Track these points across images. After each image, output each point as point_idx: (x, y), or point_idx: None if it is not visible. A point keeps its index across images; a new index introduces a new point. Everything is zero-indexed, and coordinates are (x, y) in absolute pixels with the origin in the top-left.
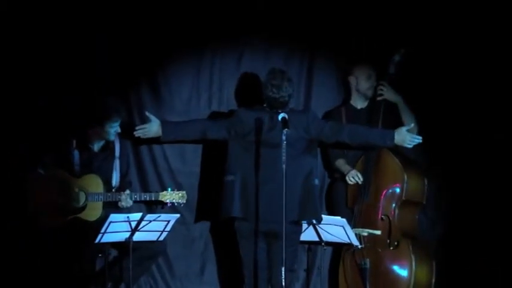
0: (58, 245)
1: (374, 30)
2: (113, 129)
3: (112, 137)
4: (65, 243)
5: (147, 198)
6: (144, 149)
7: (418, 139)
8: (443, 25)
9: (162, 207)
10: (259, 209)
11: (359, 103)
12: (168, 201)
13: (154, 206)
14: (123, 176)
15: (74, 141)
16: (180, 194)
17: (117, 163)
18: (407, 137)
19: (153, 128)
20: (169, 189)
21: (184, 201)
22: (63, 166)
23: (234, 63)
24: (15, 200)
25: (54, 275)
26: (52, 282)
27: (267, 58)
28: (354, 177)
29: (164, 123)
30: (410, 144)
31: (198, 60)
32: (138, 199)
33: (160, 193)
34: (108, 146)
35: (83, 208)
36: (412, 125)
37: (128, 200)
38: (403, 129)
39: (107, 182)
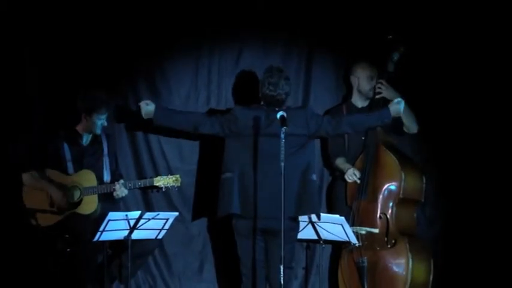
0: (56, 242)
1: (373, 28)
2: (100, 121)
3: (98, 131)
4: (63, 240)
5: (141, 185)
6: (142, 147)
7: (401, 101)
8: (442, 23)
9: (158, 191)
10: (257, 206)
11: (360, 102)
12: (162, 185)
13: (150, 191)
14: (113, 171)
15: (63, 135)
16: (173, 178)
17: (106, 160)
18: (398, 106)
19: (149, 107)
20: (162, 174)
21: (179, 184)
22: (55, 164)
23: (232, 61)
24: (10, 201)
25: (52, 272)
26: (50, 280)
27: (266, 56)
28: (351, 175)
29: (158, 107)
30: (401, 109)
31: (197, 58)
32: (132, 187)
33: (154, 178)
34: (96, 140)
35: (79, 203)
36: (400, 99)
37: (123, 188)
38: (393, 102)
39: (99, 178)
